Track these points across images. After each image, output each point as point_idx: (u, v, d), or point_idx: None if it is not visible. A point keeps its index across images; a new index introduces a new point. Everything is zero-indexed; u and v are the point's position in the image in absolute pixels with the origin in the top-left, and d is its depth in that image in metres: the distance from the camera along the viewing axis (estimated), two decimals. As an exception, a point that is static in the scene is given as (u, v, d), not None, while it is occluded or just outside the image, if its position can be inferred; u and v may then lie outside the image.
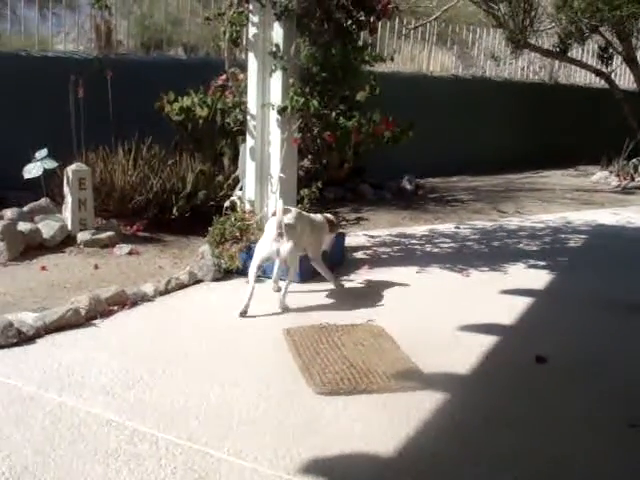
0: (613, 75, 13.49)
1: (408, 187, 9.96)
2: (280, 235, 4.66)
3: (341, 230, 6.94)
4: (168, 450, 2.96)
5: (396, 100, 8.60)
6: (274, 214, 4.78)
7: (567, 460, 3.08)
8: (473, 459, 3.04)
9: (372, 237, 7.11)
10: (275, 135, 5.65)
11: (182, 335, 4.31)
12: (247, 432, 3.15)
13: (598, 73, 13.31)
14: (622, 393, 3.77)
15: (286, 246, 4.69)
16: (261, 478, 2.79)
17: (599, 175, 12.61)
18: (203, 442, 3.04)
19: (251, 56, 5.71)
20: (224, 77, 6.48)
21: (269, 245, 4.74)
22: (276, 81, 5.58)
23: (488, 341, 4.39)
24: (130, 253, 5.98)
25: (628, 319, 4.98)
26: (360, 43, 5.82)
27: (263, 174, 5.75)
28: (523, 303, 5.20)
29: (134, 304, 4.77)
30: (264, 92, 5.66)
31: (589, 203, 10.20)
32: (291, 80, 5.51)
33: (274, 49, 5.46)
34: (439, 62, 13.51)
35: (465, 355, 4.12)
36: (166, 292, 5.07)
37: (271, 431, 3.17)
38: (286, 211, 4.73)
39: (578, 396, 3.72)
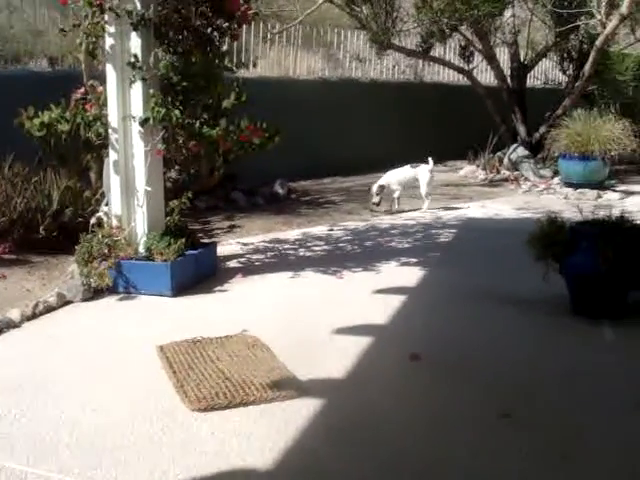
0: (475, 72, 13.90)
1: (280, 191, 9.96)
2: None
3: (213, 239, 6.89)
4: (38, 485, 2.84)
5: (265, 105, 8.58)
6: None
7: (448, 457, 3.13)
8: (354, 465, 3.04)
9: (245, 245, 7.07)
10: (138, 147, 5.53)
11: (51, 361, 4.15)
12: (121, 458, 3.05)
13: (460, 71, 13.70)
14: (494, 385, 3.86)
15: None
16: (137, 505, 2.72)
17: (467, 169, 12.97)
18: (75, 473, 2.93)
19: (109, 67, 5.56)
20: (82, 90, 6.30)
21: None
22: (136, 92, 5.46)
23: (363, 342, 4.42)
24: (-6, 277, 5.74)
25: (499, 311, 5.11)
26: (223, 50, 5.76)
27: (129, 188, 5.62)
28: (397, 301, 5.27)
29: (-1, 332, 4.58)
30: (125, 104, 5.54)
31: (458, 197, 10.47)
32: (152, 91, 5.40)
33: (132, 59, 5.35)
34: (306, 65, 13.56)
35: (341, 358, 4.14)
36: (34, 317, 4.88)
37: (146, 454, 3.09)
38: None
39: (454, 391, 3.79)
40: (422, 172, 9.48)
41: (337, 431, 3.34)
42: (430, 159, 9.49)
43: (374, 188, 9.10)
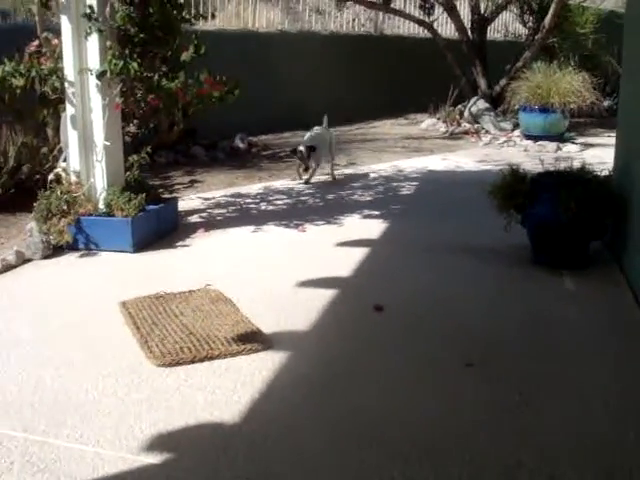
0: (435, 24, 13.81)
1: (241, 146, 9.87)
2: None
3: (174, 195, 6.83)
4: (2, 445, 2.79)
5: (224, 59, 8.46)
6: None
7: (412, 403, 3.15)
8: (320, 415, 3.05)
9: (206, 199, 7.01)
10: (96, 101, 5.42)
11: (13, 319, 4.08)
12: (87, 414, 3.03)
13: (421, 23, 13.60)
14: (458, 335, 3.89)
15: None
16: (104, 461, 2.69)
17: (428, 122, 12.96)
18: (40, 431, 2.89)
19: (64, 19, 5.41)
20: (37, 43, 6.13)
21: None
22: (93, 45, 5.33)
23: (327, 294, 4.42)
24: (-49, 237, 5.63)
25: (461, 262, 5.14)
26: (181, 1, 5.64)
27: (87, 143, 5.52)
28: (360, 254, 5.27)
29: (-43, 291, 4.49)
30: (81, 57, 5.40)
31: (419, 150, 10.46)
32: (108, 43, 5.28)
33: (88, 11, 5.20)
34: (265, 18, 13.36)
35: (305, 310, 4.14)
36: (-7, 275, 4.80)
37: (112, 410, 3.06)
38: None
39: (417, 341, 3.81)
40: (330, 133, 8.43)
41: (303, 383, 3.35)
42: (325, 117, 8.35)
43: (303, 150, 7.78)
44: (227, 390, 3.24)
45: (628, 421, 3.00)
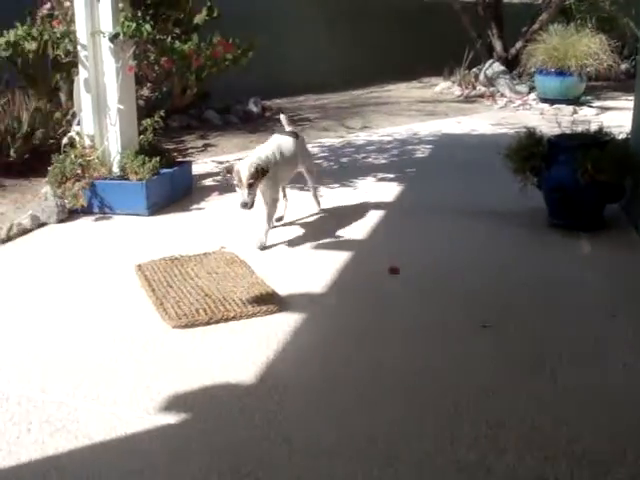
0: (450, -15, 13.65)
1: (254, 110, 9.82)
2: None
3: (188, 158, 6.81)
4: (21, 405, 2.81)
5: (238, 21, 8.41)
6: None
7: (428, 367, 3.14)
8: (334, 377, 3.05)
9: (220, 163, 6.97)
10: (109, 64, 5.39)
11: (29, 283, 4.10)
12: (103, 376, 3.04)
13: (435, -16, 13.45)
14: (474, 297, 3.87)
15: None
16: (121, 421, 2.70)
17: (442, 86, 12.85)
18: (58, 392, 2.91)
19: (76, -19, 5.38)
20: (49, 6, 6.10)
21: None
22: (105, 6, 5.30)
23: (342, 257, 4.41)
24: (-34, 201, 5.63)
25: (477, 225, 5.10)
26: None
27: (100, 106, 5.50)
28: (375, 217, 5.25)
29: (-27, 255, 4.51)
30: (93, 19, 5.37)
31: (434, 114, 10.38)
32: (121, 5, 5.25)
33: (100, -28, 5.17)
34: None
35: (321, 273, 4.13)
36: (8, 239, 4.80)
37: (128, 372, 3.08)
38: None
39: (433, 303, 3.80)
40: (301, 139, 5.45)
41: (318, 344, 3.35)
42: (282, 117, 5.64)
43: (244, 170, 4.27)
44: (243, 352, 3.24)
45: (645, 382, 2.99)
